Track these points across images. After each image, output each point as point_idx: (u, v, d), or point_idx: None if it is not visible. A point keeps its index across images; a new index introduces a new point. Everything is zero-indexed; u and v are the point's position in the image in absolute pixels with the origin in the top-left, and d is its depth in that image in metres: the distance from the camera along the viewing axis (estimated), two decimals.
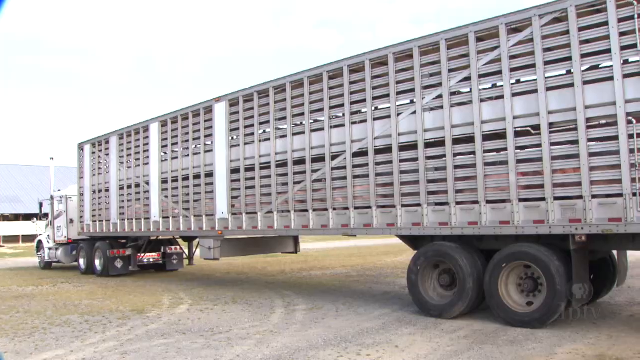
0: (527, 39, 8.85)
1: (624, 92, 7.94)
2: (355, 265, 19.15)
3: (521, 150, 8.91)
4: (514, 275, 9.11)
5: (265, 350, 7.80)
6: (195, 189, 14.79)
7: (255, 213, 12.88)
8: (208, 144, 14.49)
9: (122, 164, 18.08)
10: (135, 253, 18.89)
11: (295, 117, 12.18)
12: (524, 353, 7.30)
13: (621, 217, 7.93)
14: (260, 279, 16.61)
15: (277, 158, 12.46)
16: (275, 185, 12.47)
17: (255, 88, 13.01)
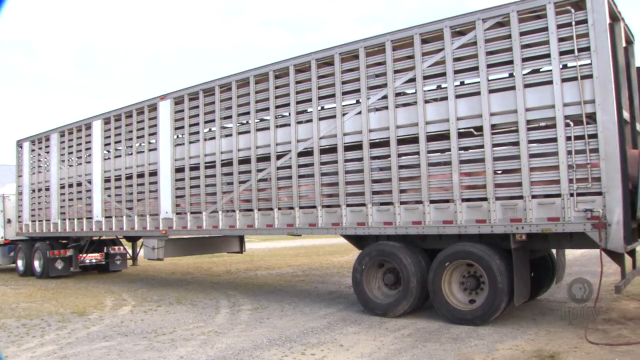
0: (470, 42, 8.94)
1: (562, 96, 8.11)
2: (302, 265, 19.04)
3: (464, 151, 8.99)
4: (457, 273, 9.18)
5: (210, 351, 7.65)
6: (138, 188, 14.42)
7: (200, 213, 12.64)
8: (152, 142, 14.15)
9: (63, 162, 17.48)
10: (77, 254, 18.25)
11: (241, 116, 12.01)
12: (466, 350, 7.35)
13: (559, 216, 8.10)
14: (205, 279, 16.31)
15: (222, 157, 12.26)
16: (220, 184, 12.27)
17: (200, 86, 12.77)
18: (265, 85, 11.50)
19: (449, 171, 9.00)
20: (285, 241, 30.12)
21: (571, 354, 7.00)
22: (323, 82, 10.61)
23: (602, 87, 7.86)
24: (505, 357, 6.98)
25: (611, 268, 8.54)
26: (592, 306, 8.34)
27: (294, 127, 10.92)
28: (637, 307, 9.75)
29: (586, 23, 7.99)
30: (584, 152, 7.94)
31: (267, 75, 11.44)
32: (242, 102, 11.95)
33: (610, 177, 7.76)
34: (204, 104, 12.70)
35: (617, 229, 7.74)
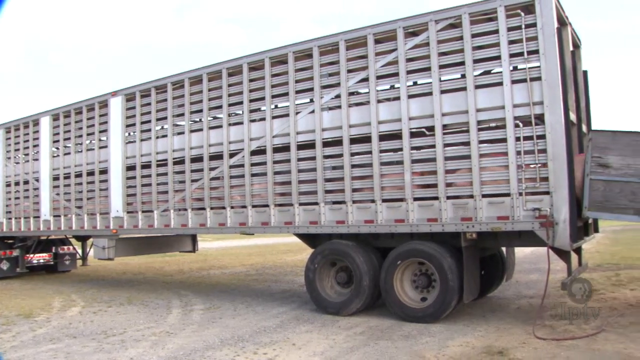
0: (423, 43, 8.96)
1: (512, 97, 8.21)
2: (255, 264, 18.85)
3: (416, 150, 9.01)
4: (409, 272, 9.18)
5: (161, 352, 7.45)
6: (88, 186, 14.00)
7: (152, 211, 12.36)
8: (103, 139, 13.74)
9: (9, 160, 16.81)
10: (24, 254, 17.53)
11: (194, 114, 11.80)
12: (418, 347, 7.35)
13: (509, 215, 8.20)
14: (157, 278, 15.99)
15: (175, 155, 12.01)
16: (172, 183, 12.02)
17: (152, 83, 12.49)
18: (218, 83, 11.33)
19: (401, 170, 9.01)
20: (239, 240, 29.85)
21: (519, 349, 7.07)
22: (277, 81, 10.49)
23: (550, 89, 7.99)
24: (455, 353, 7.00)
25: (559, 265, 8.67)
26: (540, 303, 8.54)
27: (247, 125, 10.77)
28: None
29: (535, 27, 8.12)
30: (532, 153, 8.06)
31: (220, 73, 11.26)
32: (195, 99, 11.74)
33: (558, 177, 7.90)
34: (156, 101, 12.42)
35: (564, 228, 7.87)
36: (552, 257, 8.30)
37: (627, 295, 10.61)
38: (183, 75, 11.89)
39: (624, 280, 12.40)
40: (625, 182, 8.10)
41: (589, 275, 12.74)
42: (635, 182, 8.06)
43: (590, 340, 7.38)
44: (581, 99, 9.65)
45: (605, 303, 9.83)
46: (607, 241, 23.57)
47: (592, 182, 8.22)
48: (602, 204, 8.22)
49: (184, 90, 11.84)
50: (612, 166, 8.17)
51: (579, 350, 6.95)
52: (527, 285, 12.20)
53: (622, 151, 8.16)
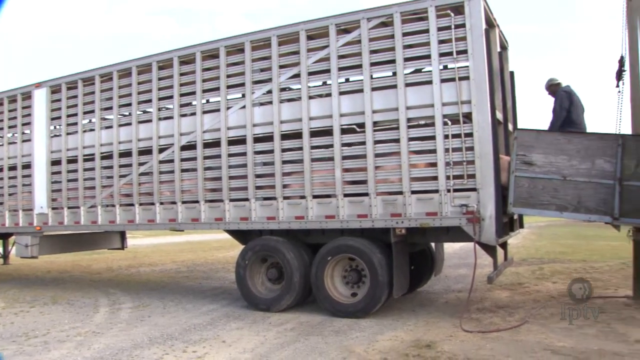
0: (355, 40, 8.90)
1: (441, 96, 8.26)
2: (186, 261, 18.43)
3: (347, 147, 8.93)
4: (339, 267, 9.12)
5: (86, 353, 7.09)
6: (10, 181, 13.27)
7: (78, 207, 11.85)
8: (26, 133, 13.03)
9: None
10: None
11: (122, 108, 11.33)
12: (348, 342, 7.30)
13: (437, 211, 8.25)
14: (84, 277, 15.36)
15: (102, 150, 11.51)
16: (100, 178, 11.53)
17: (79, 75, 11.92)
18: (148, 76, 10.92)
19: (332, 167, 8.93)
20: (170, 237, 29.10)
21: (447, 342, 7.13)
22: (208, 75, 10.21)
23: (478, 89, 8.07)
24: (384, 347, 6.99)
25: (487, 260, 8.82)
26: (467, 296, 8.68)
27: (177, 120, 10.44)
28: (508, 296, 10.13)
29: (464, 27, 8.17)
30: (460, 150, 8.12)
31: (150, 66, 10.87)
32: (124, 92, 11.29)
33: (484, 174, 7.99)
34: (83, 93, 11.86)
35: (490, 223, 7.98)
36: (479, 252, 8.41)
37: (550, 287, 10.90)
38: (112, 68, 11.44)
39: (547, 273, 12.77)
40: (548, 179, 8.29)
41: (515, 270, 13.15)
42: (557, 179, 8.27)
43: (514, 332, 7.52)
44: (508, 98, 9.83)
45: (529, 296, 10.08)
46: (533, 236, 24.36)
47: (517, 179, 8.37)
48: (527, 200, 8.39)
49: (113, 83, 11.37)
50: (536, 164, 8.34)
51: (503, 341, 7.07)
52: (455, 279, 12.39)
53: (546, 149, 8.35)
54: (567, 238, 22.84)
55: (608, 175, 8.16)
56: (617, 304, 9.13)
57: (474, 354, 6.55)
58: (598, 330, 7.50)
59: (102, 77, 11.59)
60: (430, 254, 10.59)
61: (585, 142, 8.32)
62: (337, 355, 6.74)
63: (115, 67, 11.40)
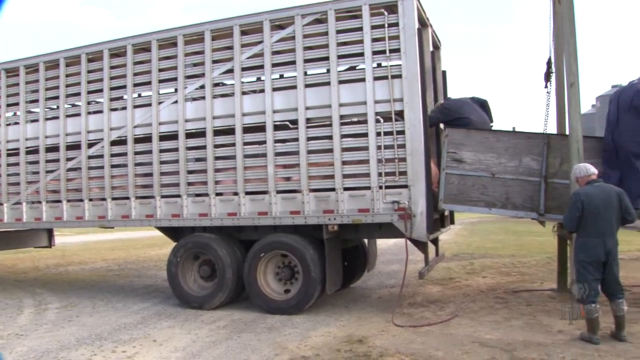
0: (289, 37, 8.78)
1: (374, 93, 8.25)
2: (117, 259, 17.80)
3: (280, 143, 8.81)
4: (272, 264, 9.00)
5: (8, 357, 6.73)
6: None
7: (1, 204, 11.31)
8: None
9: None
10: None
11: (49, 101, 10.80)
12: (280, 339, 7.22)
13: (369, 208, 8.24)
14: (8, 277, 14.60)
15: (28, 144, 10.96)
16: (25, 173, 11.00)
17: (2, 65, 11.32)
18: (77, 69, 10.44)
19: (265, 163, 8.80)
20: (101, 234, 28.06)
21: (379, 337, 7.15)
22: (139, 69, 9.86)
23: (410, 87, 8.10)
24: (317, 343, 6.95)
25: (419, 256, 8.90)
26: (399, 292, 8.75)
27: (107, 114, 10.03)
28: (440, 291, 10.25)
29: (398, 26, 8.19)
30: (392, 148, 8.13)
31: (79, 57, 10.40)
32: (51, 85, 10.76)
33: (416, 171, 8.03)
34: (6, 85, 11.24)
35: (421, 220, 8.03)
36: (411, 248, 8.44)
37: (480, 282, 11.10)
38: (38, 59, 10.88)
39: (478, 268, 13.02)
40: (477, 176, 8.44)
41: (447, 265, 13.35)
42: (485, 177, 8.42)
43: (445, 326, 7.61)
44: (440, 97, 9.95)
45: (460, 290, 10.22)
46: (465, 232, 24.86)
47: (448, 176, 8.48)
48: (457, 197, 8.50)
49: (39, 74, 10.82)
50: (466, 161, 8.47)
51: (434, 335, 7.14)
52: (388, 275, 12.43)
53: (475, 147, 8.49)
54: (497, 234, 23.40)
55: (534, 173, 8.36)
56: (543, 297, 9.39)
57: (404, 348, 6.57)
58: (524, 322, 7.69)
59: (27, 68, 11.01)
60: (363, 250, 10.61)
61: (513, 140, 8.51)
62: (269, 352, 6.66)
63: (42, 58, 10.87)
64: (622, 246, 13.93)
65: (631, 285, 10.12)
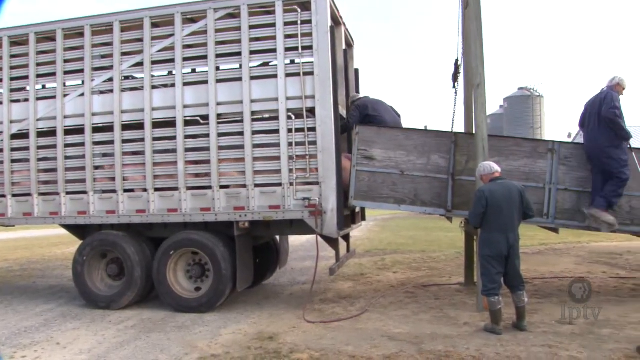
0: (201, 31, 8.62)
1: (285, 90, 8.23)
2: (20, 259, 16.83)
3: (190, 139, 8.64)
4: (183, 262, 8.84)
5: None
6: None
7: None
8: None
9: None
10: None
11: None
12: (191, 337, 7.11)
13: (280, 204, 8.23)
14: None
15: None
16: None
17: None
18: None
19: (175, 159, 8.61)
20: (3, 233, 26.67)
21: (289, 333, 7.15)
22: (43, 59, 9.39)
23: (322, 85, 8.13)
24: (227, 341, 6.89)
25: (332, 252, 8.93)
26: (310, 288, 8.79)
27: (7, 106, 9.49)
28: (351, 287, 10.34)
29: (311, 23, 8.19)
30: (303, 145, 8.15)
31: None
32: None
33: (326, 168, 8.07)
34: None
35: (332, 216, 8.08)
36: (322, 244, 8.50)
37: (390, 277, 11.28)
38: None
39: (389, 264, 13.20)
40: (387, 173, 8.57)
41: (359, 261, 13.51)
42: (395, 174, 8.56)
43: (355, 321, 7.70)
44: (351, 95, 10.05)
45: (371, 286, 10.35)
46: (377, 229, 25.19)
47: (358, 173, 8.57)
48: (367, 194, 8.60)
49: None
50: (376, 159, 8.58)
51: (344, 330, 7.20)
52: (301, 272, 12.45)
53: (385, 145, 8.61)
54: (409, 230, 23.83)
55: (442, 171, 8.58)
56: (450, 291, 9.66)
57: (315, 344, 6.60)
58: (432, 316, 7.89)
59: None
60: (275, 247, 10.58)
61: (422, 139, 8.69)
62: (179, 351, 6.55)
63: None
64: (525, 241, 14.75)
65: (533, 278, 10.57)
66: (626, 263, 12.66)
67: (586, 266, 12.20)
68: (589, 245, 16.24)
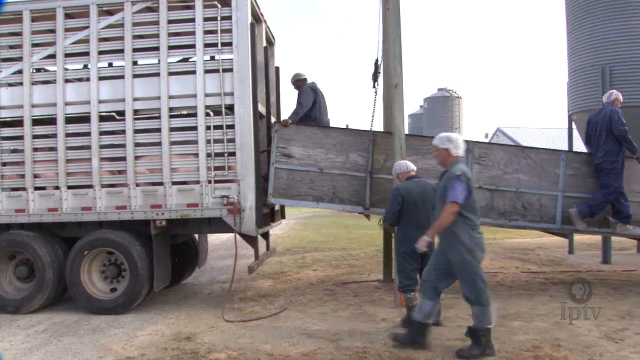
0: (118, 23, 8.40)
1: (204, 86, 8.17)
2: None
3: (105, 135, 8.42)
4: (97, 262, 8.59)
5: None
6: None
7: None
8: None
9: None
10: None
11: None
12: (105, 340, 6.92)
13: (198, 202, 8.17)
14: None
15: None
16: None
17: None
18: None
19: (89, 155, 8.37)
20: None
21: (207, 333, 7.10)
22: None
23: (241, 82, 8.12)
24: (144, 343, 6.76)
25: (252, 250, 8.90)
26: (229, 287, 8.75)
27: None
28: (271, 285, 10.36)
29: (231, 20, 8.17)
30: (221, 142, 8.12)
31: None
32: None
33: (245, 166, 8.07)
34: None
35: (250, 214, 8.09)
36: (242, 242, 8.49)
37: (310, 275, 11.38)
38: None
39: (309, 262, 13.29)
40: (306, 171, 8.65)
41: (279, 259, 13.55)
42: (314, 172, 8.66)
43: (274, 319, 7.72)
44: (272, 92, 10.04)
45: (291, 284, 10.41)
46: (299, 226, 25.28)
47: (277, 171, 8.61)
48: (285, 191, 8.65)
49: None
50: (295, 156, 8.65)
51: (263, 329, 7.20)
52: (221, 270, 12.37)
53: (304, 143, 8.69)
54: (329, 228, 24.05)
55: (360, 169, 8.74)
56: (369, 288, 9.83)
57: (233, 343, 6.58)
58: (350, 312, 8.00)
59: None
60: (194, 246, 10.47)
61: (341, 137, 8.81)
62: (92, 355, 6.38)
63: None
64: None
65: None
66: (537, 258, 13.29)
67: (500, 262, 12.70)
68: (503, 241, 16.94)
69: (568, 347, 6.11)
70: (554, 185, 8.95)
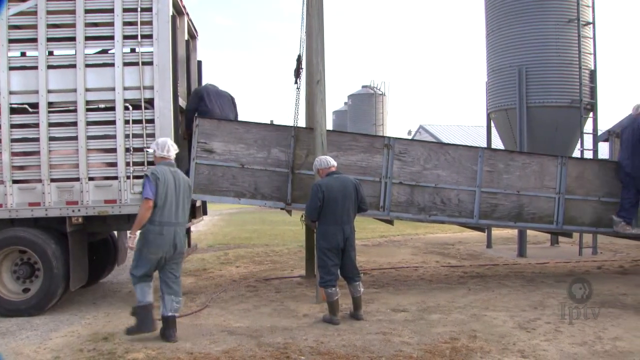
0: (31, 11, 8.10)
1: (123, 79, 8.04)
2: None
3: (17, 128, 8.12)
4: (9, 262, 8.27)
5: None
6: None
7: None
8: None
9: None
10: None
11: None
12: (16, 344, 6.69)
13: (116, 199, 8.04)
14: None
15: None
16: None
17: None
18: None
19: None
20: None
21: None
22: None
23: (161, 75, 8.06)
24: (58, 345, 6.58)
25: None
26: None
27: None
28: (192, 282, 10.35)
29: (151, 11, 8.07)
30: (141, 137, 8.03)
31: None
32: None
33: None
34: None
35: None
36: None
37: (233, 272, 11.42)
38: None
39: (232, 258, 13.32)
40: (227, 166, 8.66)
41: (201, 256, 13.50)
42: (235, 167, 8.67)
43: (195, 317, 7.72)
44: (193, 86, 9.99)
45: (213, 281, 10.43)
46: (222, 223, 25.18)
47: (198, 166, 8.58)
48: (206, 187, 8.63)
49: None
50: (216, 152, 8.64)
51: (183, 327, 7.15)
52: None
53: (225, 138, 8.68)
54: (253, 224, 24.11)
55: (282, 164, 8.83)
56: (292, 284, 9.98)
57: (152, 342, 6.52)
58: (272, 309, 8.10)
59: None
60: (113, 243, 10.28)
61: (263, 132, 8.87)
62: None
63: None
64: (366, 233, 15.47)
65: (371, 269, 11.18)
66: (457, 252, 13.81)
67: (422, 256, 13.13)
68: (425, 236, 17.48)
69: (484, 338, 6.44)
70: (472, 181, 9.34)
